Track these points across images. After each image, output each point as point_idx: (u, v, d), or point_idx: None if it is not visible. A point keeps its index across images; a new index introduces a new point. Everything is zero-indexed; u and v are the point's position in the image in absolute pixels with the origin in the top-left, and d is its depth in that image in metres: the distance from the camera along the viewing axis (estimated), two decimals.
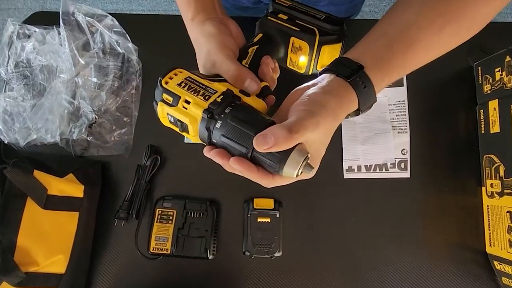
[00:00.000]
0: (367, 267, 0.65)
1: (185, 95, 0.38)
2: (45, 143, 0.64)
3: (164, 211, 0.64)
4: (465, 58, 0.70)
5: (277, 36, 0.48)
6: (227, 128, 0.37)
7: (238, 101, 0.39)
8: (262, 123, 0.37)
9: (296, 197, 0.67)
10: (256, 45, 0.47)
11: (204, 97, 0.38)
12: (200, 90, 0.39)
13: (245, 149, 0.36)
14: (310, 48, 0.48)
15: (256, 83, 0.42)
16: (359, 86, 0.38)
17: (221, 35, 0.45)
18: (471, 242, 0.66)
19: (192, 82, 0.39)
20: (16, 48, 0.67)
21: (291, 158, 0.36)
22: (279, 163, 0.36)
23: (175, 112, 0.39)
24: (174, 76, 0.40)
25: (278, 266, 0.64)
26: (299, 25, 0.48)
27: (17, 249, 0.54)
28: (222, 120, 0.37)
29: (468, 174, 0.68)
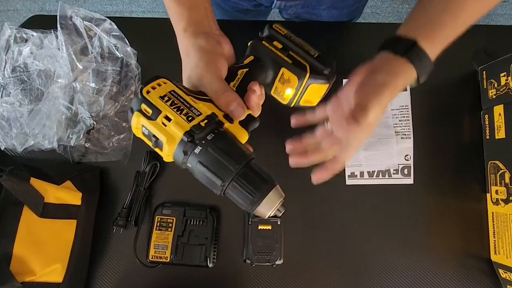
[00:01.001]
0: (370, 274, 0.64)
1: (166, 111, 0.35)
2: (42, 149, 0.63)
3: (163, 218, 0.63)
4: (469, 62, 0.69)
5: (268, 63, 0.46)
6: (206, 156, 0.35)
7: (221, 128, 0.37)
8: (243, 157, 0.36)
9: (297, 204, 0.66)
10: (246, 68, 0.44)
11: (187, 118, 0.35)
12: (183, 109, 0.36)
13: (220, 182, 0.35)
14: (299, 83, 0.46)
15: (242, 109, 0.40)
16: (416, 60, 0.43)
17: (213, 51, 0.42)
18: (476, 250, 0.65)
19: (176, 98, 0.36)
20: (13, 52, 0.66)
21: (267, 201, 0.36)
22: (251, 205, 0.36)
23: (152, 127, 0.35)
24: (157, 86, 0.37)
25: (279, 274, 0.63)
26: (292, 58, 0.46)
27: (13, 259, 0.53)
28: (202, 147, 0.35)
29: (473, 180, 0.67)
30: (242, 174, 0.35)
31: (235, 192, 0.36)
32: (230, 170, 0.35)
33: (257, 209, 0.36)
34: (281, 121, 0.68)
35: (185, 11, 0.45)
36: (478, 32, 0.73)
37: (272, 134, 0.68)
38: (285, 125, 0.68)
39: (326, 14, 0.76)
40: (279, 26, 0.48)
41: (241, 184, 0.35)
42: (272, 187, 0.37)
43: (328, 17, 0.77)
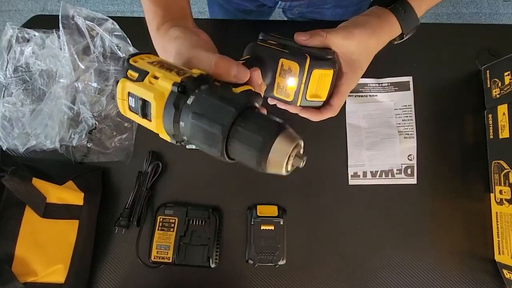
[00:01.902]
0: (372, 274, 0.64)
1: (154, 71, 0.31)
2: (44, 149, 0.63)
3: (165, 218, 0.62)
4: (473, 61, 0.69)
5: (265, 59, 0.44)
6: (201, 103, 0.30)
7: (216, 82, 0.33)
8: (244, 99, 0.31)
9: (300, 204, 0.65)
10: (243, 61, 0.40)
11: (178, 73, 0.31)
12: (173, 69, 0.32)
13: (220, 128, 0.29)
14: (300, 70, 0.43)
15: (245, 70, 0.35)
16: (399, 11, 0.44)
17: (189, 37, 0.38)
18: (479, 250, 0.64)
19: (166, 63, 0.33)
20: (15, 52, 0.66)
21: (280, 144, 0.28)
22: (261, 151, 0.28)
23: (139, 88, 0.31)
24: (146, 57, 0.34)
25: (282, 274, 0.63)
26: (289, 48, 0.45)
27: (15, 259, 0.53)
28: (195, 95, 0.30)
29: (476, 180, 0.66)
30: (245, 116, 0.30)
31: (239, 140, 0.29)
32: (231, 111, 0.29)
33: (269, 158, 0.28)
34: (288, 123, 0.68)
35: (159, 10, 0.42)
36: (481, 32, 0.73)
37: None
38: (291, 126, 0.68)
39: (330, 13, 0.76)
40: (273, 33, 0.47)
41: (246, 126, 0.29)
42: (284, 127, 0.29)
43: (332, 16, 0.76)
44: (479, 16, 1.70)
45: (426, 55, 0.70)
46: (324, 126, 0.68)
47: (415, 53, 0.70)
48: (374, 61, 0.74)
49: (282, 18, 0.97)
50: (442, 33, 0.72)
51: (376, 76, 0.69)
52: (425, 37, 0.71)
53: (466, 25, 0.54)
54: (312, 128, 0.68)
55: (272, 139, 0.28)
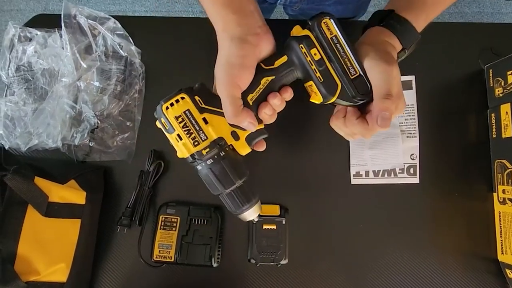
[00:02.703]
0: (375, 274, 0.64)
1: (178, 131, 0.43)
2: (46, 148, 0.63)
3: (167, 217, 0.62)
4: (475, 60, 0.68)
5: (299, 70, 0.44)
6: (202, 174, 0.45)
7: (222, 152, 0.44)
8: (230, 184, 0.45)
9: (302, 203, 0.65)
10: (272, 76, 0.44)
11: (193, 142, 0.43)
12: (192, 133, 0.43)
13: (216, 192, 0.46)
14: (324, 101, 0.45)
15: (253, 127, 0.44)
16: (395, 26, 0.44)
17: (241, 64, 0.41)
18: (482, 249, 0.64)
19: (189, 119, 0.43)
20: (17, 51, 0.66)
21: (252, 211, 0.47)
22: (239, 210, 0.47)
23: (168, 137, 0.44)
24: (175, 103, 0.43)
25: (284, 274, 0.63)
26: (325, 74, 0.43)
27: (18, 258, 0.53)
28: (201, 167, 0.45)
29: (479, 180, 0.66)
30: (227, 195, 0.46)
31: (222, 200, 0.47)
32: (219, 191, 0.45)
33: (242, 215, 0.47)
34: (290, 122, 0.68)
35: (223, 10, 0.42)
36: (484, 31, 0.73)
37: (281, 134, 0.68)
38: (294, 125, 0.68)
39: (331, 9, 0.76)
40: (329, 23, 0.43)
41: (226, 201, 0.46)
42: (256, 202, 0.47)
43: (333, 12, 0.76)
44: (481, 15, 1.69)
45: (428, 54, 0.69)
46: (325, 125, 0.68)
47: (417, 52, 0.69)
48: None
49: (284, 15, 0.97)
50: (444, 32, 0.71)
51: None
52: (427, 36, 0.71)
53: (468, 24, 0.54)
54: (314, 127, 0.68)
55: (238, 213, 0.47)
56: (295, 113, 0.68)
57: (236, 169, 0.45)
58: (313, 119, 0.68)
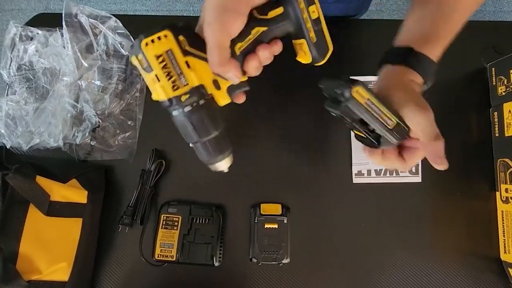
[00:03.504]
0: (377, 273, 0.63)
1: (157, 71, 0.38)
2: (48, 147, 0.63)
3: (169, 216, 0.62)
4: (478, 58, 0.68)
5: (293, 25, 0.42)
6: (179, 121, 0.41)
7: (201, 101, 0.40)
8: (206, 134, 0.42)
9: (304, 202, 0.65)
10: (265, 27, 0.40)
11: (173, 86, 0.39)
12: (173, 76, 0.38)
13: (189, 140, 0.43)
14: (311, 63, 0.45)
15: (237, 79, 0.40)
16: (416, 64, 0.45)
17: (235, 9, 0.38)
18: (485, 249, 0.64)
19: (170, 60, 0.38)
20: (18, 50, 0.66)
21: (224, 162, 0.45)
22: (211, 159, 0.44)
23: (144, 76, 0.39)
24: (157, 40, 0.37)
25: (286, 273, 0.63)
26: (319, 35, 0.42)
27: (19, 257, 0.53)
28: (177, 113, 0.40)
29: (481, 179, 0.66)
30: (202, 144, 0.42)
31: (194, 150, 0.43)
32: (193, 140, 0.42)
33: (212, 165, 0.45)
34: (292, 121, 0.68)
35: None
36: (486, 29, 0.72)
37: (283, 133, 0.68)
38: (295, 124, 0.67)
39: (333, 7, 0.75)
40: (361, 90, 0.42)
41: (198, 150, 0.43)
42: (230, 154, 0.45)
43: (334, 10, 0.76)
44: (483, 14, 1.69)
45: None
46: (327, 125, 0.68)
47: None
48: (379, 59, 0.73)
49: None
50: None
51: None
52: None
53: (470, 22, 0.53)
54: (316, 127, 0.68)
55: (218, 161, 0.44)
56: (297, 112, 0.68)
57: (214, 119, 0.42)
58: (315, 119, 0.68)
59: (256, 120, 0.69)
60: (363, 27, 0.76)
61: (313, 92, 0.68)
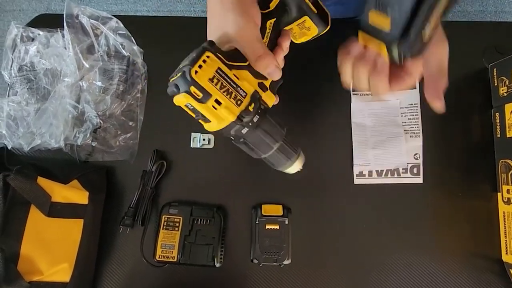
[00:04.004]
0: (378, 274, 0.63)
1: (216, 95, 0.36)
2: (49, 148, 0.63)
3: (170, 217, 0.62)
4: (479, 59, 0.68)
5: (293, 7, 0.43)
6: (252, 136, 0.41)
7: (262, 106, 0.41)
8: (281, 135, 0.43)
9: (305, 203, 0.65)
10: (273, 18, 0.42)
11: (236, 102, 0.38)
12: (232, 92, 0.37)
13: (260, 154, 0.43)
14: (317, 33, 0.47)
15: (279, 71, 0.41)
16: None
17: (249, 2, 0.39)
18: (486, 250, 0.64)
19: (223, 78, 0.37)
20: (19, 51, 0.66)
21: (293, 166, 0.46)
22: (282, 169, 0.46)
23: (202, 109, 0.37)
24: (203, 64, 0.36)
25: (287, 274, 0.63)
26: (318, 6, 0.45)
27: (21, 258, 0.53)
28: (249, 128, 0.40)
29: (483, 180, 0.66)
30: (279, 148, 0.43)
31: (271, 160, 0.44)
32: (271, 147, 0.42)
33: (285, 170, 0.46)
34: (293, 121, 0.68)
35: None
36: (488, 29, 0.72)
37: None
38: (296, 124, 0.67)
39: (331, 10, 0.75)
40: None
41: (277, 155, 0.44)
42: (298, 155, 0.46)
43: (333, 13, 0.76)
44: (484, 14, 1.68)
45: None
46: (329, 125, 0.68)
47: None
48: None
49: None
50: (447, 31, 0.71)
51: None
52: None
53: (472, 22, 0.53)
54: (317, 127, 0.68)
55: (291, 165, 0.46)
56: (298, 113, 0.68)
57: (278, 120, 0.43)
58: (316, 118, 0.68)
59: None
60: None
61: (315, 92, 0.69)
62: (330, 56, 0.54)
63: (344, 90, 0.69)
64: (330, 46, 0.55)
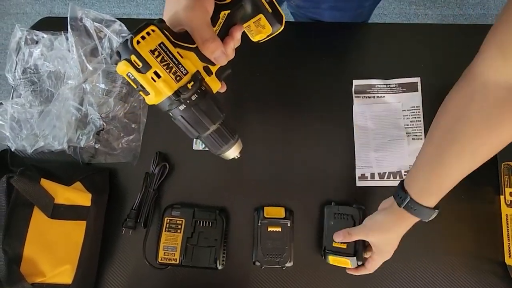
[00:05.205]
0: (380, 277, 0.63)
1: (156, 67, 0.37)
2: (52, 150, 0.63)
3: (172, 220, 0.62)
4: None
5: (248, 5, 0.45)
6: (189, 113, 0.40)
7: (202, 87, 0.41)
8: (218, 118, 0.42)
9: (307, 205, 0.65)
10: (228, 10, 0.44)
11: (176, 77, 0.38)
12: (172, 67, 0.38)
13: (196, 134, 0.42)
14: (272, 32, 0.48)
15: (225, 57, 0.42)
16: (411, 210, 0.49)
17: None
18: (489, 253, 0.63)
19: (165, 53, 0.38)
20: (24, 54, 0.67)
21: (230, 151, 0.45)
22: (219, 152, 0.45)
23: (141, 79, 0.37)
24: (147, 36, 0.37)
25: (289, 276, 0.63)
26: (272, 5, 0.46)
27: (24, 260, 0.53)
28: (186, 105, 0.40)
29: (486, 182, 0.65)
30: (216, 131, 0.43)
31: (207, 141, 0.44)
32: (207, 128, 0.42)
33: (222, 155, 0.45)
34: (295, 125, 0.68)
35: None
36: None
37: (286, 137, 0.68)
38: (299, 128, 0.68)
39: (328, 14, 0.76)
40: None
41: (213, 139, 0.43)
42: (236, 141, 0.45)
43: (330, 17, 0.76)
44: (486, 17, 1.68)
45: (433, 56, 0.69)
46: (331, 128, 0.68)
47: (422, 54, 0.70)
48: (382, 62, 0.73)
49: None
50: (449, 34, 0.71)
51: (383, 77, 0.69)
52: (432, 38, 0.71)
53: (473, 25, 0.53)
54: (319, 130, 0.68)
55: (227, 149, 0.45)
56: (300, 116, 0.68)
57: (218, 103, 0.42)
58: (318, 122, 0.68)
59: (259, 124, 0.69)
60: (365, 30, 0.76)
61: (318, 95, 0.69)
62: (332, 59, 0.55)
63: (346, 92, 0.69)
64: (332, 48, 0.55)
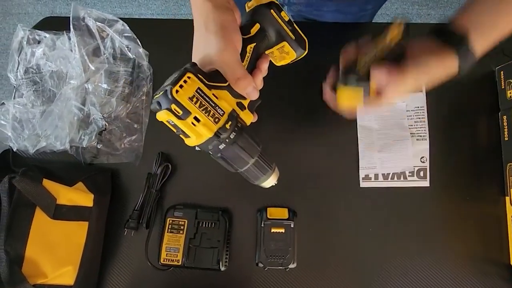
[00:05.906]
0: (384, 279, 0.63)
1: (195, 113, 0.39)
2: (54, 150, 0.63)
3: (175, 220, 0.62)
4: (486, 62, 0.67)
5: (271, 33, 0.47)
6: (228, 152, 0.43)
7: (239, 124, 0.43)
8: (256, 152, 0.45)
9: (311, 206, 0.65)
10: (254, 43, 0.46)
11: (214, 120, 0.41)
12: (210, 110, 0.40)
13: (236, 169, 0.46)
14: (296, 57, 0.50)
15: (257, 92, 0.44)
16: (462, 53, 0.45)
17: (231, 27, 0.42)
18: (494, 254, 0.63)
19: (202, 97, 0.40)
20: (26, 53, 0.66)
21: (268, 180, 0.48)
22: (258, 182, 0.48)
23: (182, 125, 0.40)
24: (184, 84, 0.39)
25: (292, 278, 0.62)
26: (295, 33, 0.48)
27: (25, 261, 0.52)
28: (226, 144, 0.42)
29: (491, 183, 0.65)
30: (254, 163, 0.46)
31: (247, 174, 0.47)
32: (247, 162, 0.45)
33: (261, 184, 0.49)
34: (298, 125, 0.68)
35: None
36: None
37: (290, 138, 0.68)
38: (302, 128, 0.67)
39: (330, 16, 0.76)
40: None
41: (253, 170, 0.46)
42: (273, 171, 0.48)
43: (332, 18, 0.76)
44: None
45: None
46: (335, 128, 0.68)
47: None
48: None
49: None
50: None
51: None
52: None
53: None
54: (323, 130, 0.67)
55: (266, 179, 0.48)
56: (303, 117, 0.68)
57: (255, 137, 0.45)
58: (322, 123, 0.67)
59: (262, 125, 0.68)
60: (368, 30, 0.76)
61: (320, 96, 0.68)
62: (335, 59, 0.54)
63: None
64: (334, 49, 0.55)
